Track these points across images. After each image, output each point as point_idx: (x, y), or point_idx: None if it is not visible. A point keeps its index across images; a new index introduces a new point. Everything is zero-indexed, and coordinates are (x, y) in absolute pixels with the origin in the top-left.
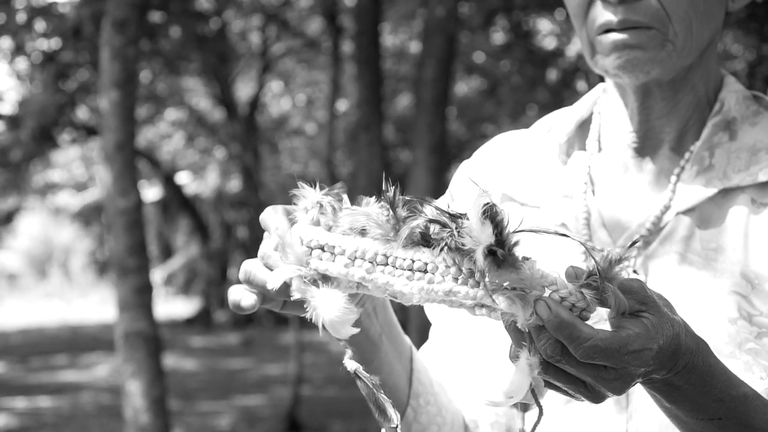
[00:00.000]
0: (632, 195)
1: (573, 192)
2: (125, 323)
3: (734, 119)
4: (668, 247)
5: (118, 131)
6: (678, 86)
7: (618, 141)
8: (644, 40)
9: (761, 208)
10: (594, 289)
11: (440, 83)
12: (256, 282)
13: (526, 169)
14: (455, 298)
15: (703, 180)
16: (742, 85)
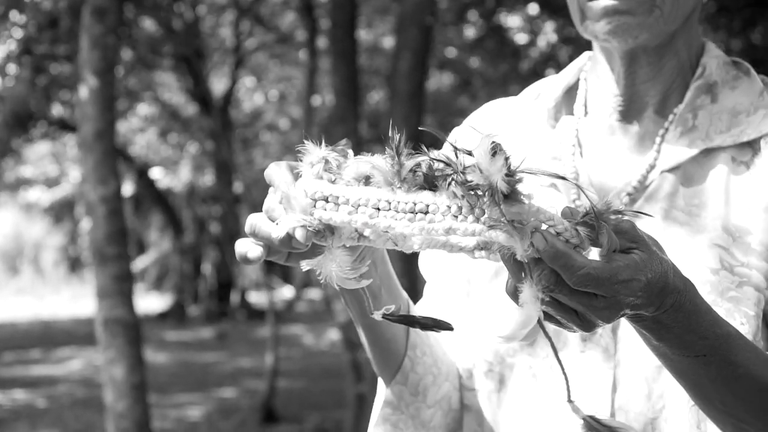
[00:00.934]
0: (619, 156)
1: (561, 154)
2: (105, 310)
3: (715, 83)
4: (653, 204)
5: (98, 120)
6: (663, 52)
7: (604, 105)
8: (633, 5)
9: (741, 166)
10: (589, 227)
11: (415, 75)
12: (261, 234)
13: (515, 134)
14: (455, 237)
15: (686, 140)
16: (722, 51)
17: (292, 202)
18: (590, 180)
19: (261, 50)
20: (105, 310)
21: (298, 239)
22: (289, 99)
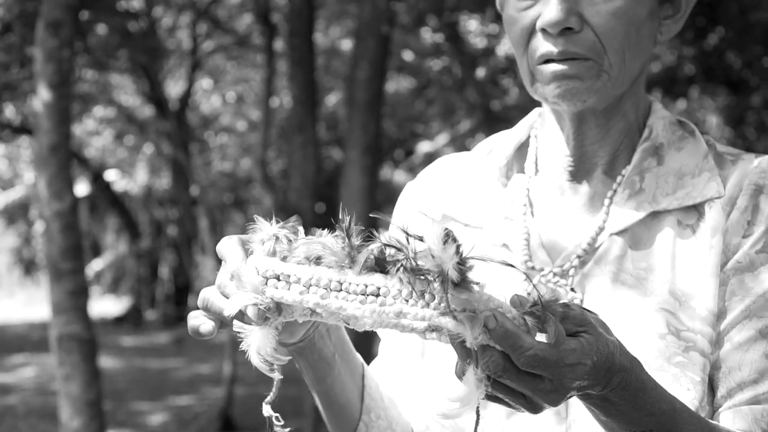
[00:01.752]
0: (569, 217)
1: (513, 214)
2: (59, 326)
3: (662, 145)
4: (603, 266)
5: (52, 133)
6: (610, 114)
7: (554, 164)
8: (582, 70)
9: (687, 229)
10: (536, 318)
11: (373, 83)
12: (214, 309)
13: (468, 191)
14: (405, 320)
15: (634, 203)
16: (668, 111)
17: (243, 280)
18: (541, 240)
19: (218, 52)
20: (60, 326)
21: (249, 317)
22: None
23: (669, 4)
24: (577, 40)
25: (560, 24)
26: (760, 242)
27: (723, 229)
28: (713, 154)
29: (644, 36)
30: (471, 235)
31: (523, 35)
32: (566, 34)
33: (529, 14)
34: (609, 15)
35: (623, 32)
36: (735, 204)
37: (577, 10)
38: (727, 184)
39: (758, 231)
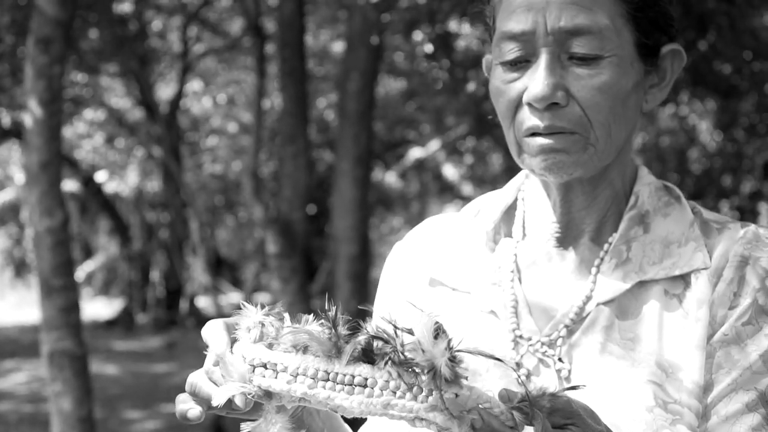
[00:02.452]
0: (556, 284)
1: (501, 280)
2: (51, 342)
3: (648, 212)
4: (590, 336)
5: (43, 151)
6: (597, 182)
7: (542, 229)
8: (568, 144)
9: (673, 299)
10: (524, 414)
11: (364, 95)
12: (201, 395)
13: (455, 254)
14: (393, 411)
15: (621, 273)
16: (654, 177)
17: (230, 369)
18: (529, 308)
19: (209, 55)
20: (51, 342)
21: (237, 405)
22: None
23: (654, 74)
24: (563, 115)
25: (547, 99)
26: (746, 314)
27: (709, 301)
28: (699, 221)
29: (630, 107)
30: (459, 300)
31: (509, 108)
32: (552, 108)
33: (516, 87)
34: (594, 90)
35: (609, 106)
36: (721, 275)
37: (563, 84)
38: (713, 255)
39: (744, 303)
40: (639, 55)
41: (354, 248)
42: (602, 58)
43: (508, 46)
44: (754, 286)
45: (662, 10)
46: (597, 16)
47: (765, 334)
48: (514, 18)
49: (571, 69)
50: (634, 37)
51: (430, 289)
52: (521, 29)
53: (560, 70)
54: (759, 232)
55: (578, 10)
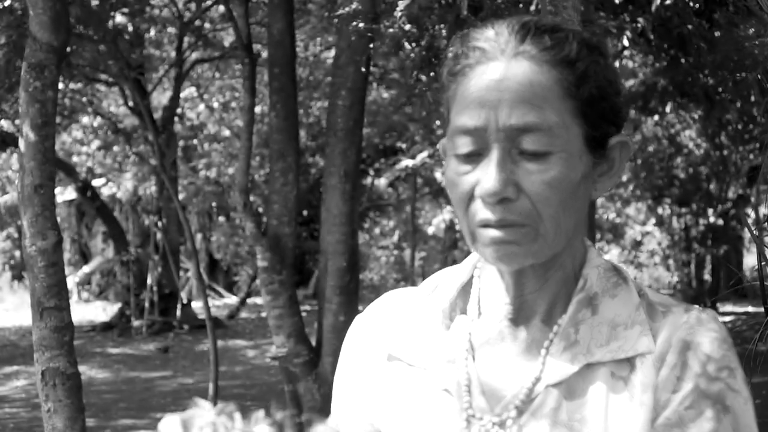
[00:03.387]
0: (508, 363)
1: (455, 358)
2: (44, 362)
3: (596, 294)
4: (538, 418)
5: (36, 174)
6: (549, 265)
7: (495, 308)
8: (518, 237)
9: (619, 382)
10: None
11: (353, 111)
12: None
13: (413, 330)
14: None
15: (569, 355)
16: (603, 258)
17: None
18: (481, 387)
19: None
20: (44, 362)
21: None
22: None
23: (604, 163)
24: (514, 209)
25: (498, 194)
26: (689, 398)
27: (653, 386)
28: (645, 304)
29: (579, 197)
30: (415, 376)
31: (463, 199)
32: (504, 202)
33: (469, 180)
34: (544, 185)
35: (558, 200)
36: (665, 360)
37: (514, 179)
38: (658, 340)
39: (687, 387)
40: (587, 148)
41: (343, 262)
42: (552, 154)
43: (461, 140)
44: (696, 371)
45: (610, 104)
46: (546, 114)
47: (706, 418)
48: (467, 113)
49: (522, 164)
50: (583, 131)
51: (388, 364)
52: (474, 125)
53: (511, 165)
54: (701, 316)
55: (529, 109)
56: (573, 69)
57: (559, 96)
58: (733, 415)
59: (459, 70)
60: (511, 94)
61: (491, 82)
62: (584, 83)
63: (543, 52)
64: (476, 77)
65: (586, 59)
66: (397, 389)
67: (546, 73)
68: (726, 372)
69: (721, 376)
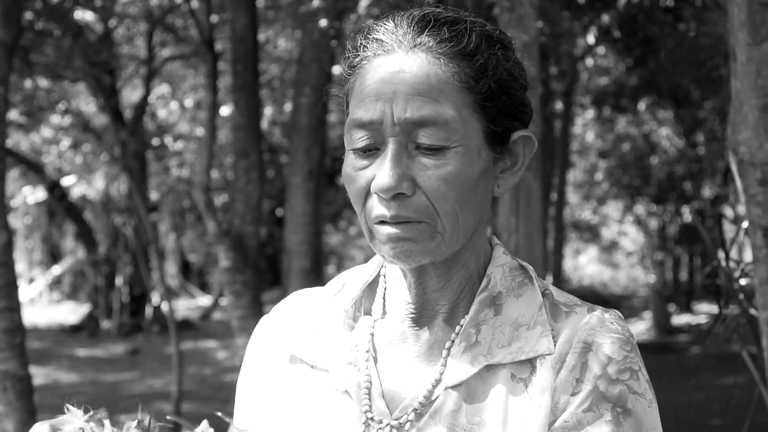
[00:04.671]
0: (409, 366)
1: (357, 360)
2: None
3: (500, 293)
4: (438, 420)
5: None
6: (451, 264)
7: (399, 308)
8: (415, 233)
9: (519, 383)
10: None
11: (316, 110)
12: None
13: (316, 331)
14: None
15: (469, 356)
16: (509, 257)
17: None
18: (382, 389)
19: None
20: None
21: None
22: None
23: (507, 158)
24: (410, 205)
25: (392, 190)
26: (587, 401)
27: (552, 388)
28: (548, 304)
29: (478, 194)
30: (317, 378)
31: (360, 195)
32: (399, 198)
33: (365, 175)
34: (440, 180)
35: (455, 196)
36: (564, 362)
37: (410, 174)
38: (558, 340)
39: (586, 389)
40: (487, 143)
41: (307, 262)
42: (448, 149)
43: (357, 134)
44: (596, 372)
45: (513, 98)
46: (443, 108)
47: (606, 420)
48: (363, 107)
49: (418, 159)
50: (483, 125)
51: (290, 366)
52: (369, 118)
53: (407, 160)
54: (604, 316)
55: (424, 102)
56: (471, 62)
57: (456, 89)
58: (634, 418)
59: (358, 62)
60: (407, 87)
61: (387, 74)
62: (483, 77)
63: (440, 44)
64: (373, 70)
65: (485, 52)
66: (299, 392)
67: (443, 66)
68: (628, 374)
69: (622, 378)
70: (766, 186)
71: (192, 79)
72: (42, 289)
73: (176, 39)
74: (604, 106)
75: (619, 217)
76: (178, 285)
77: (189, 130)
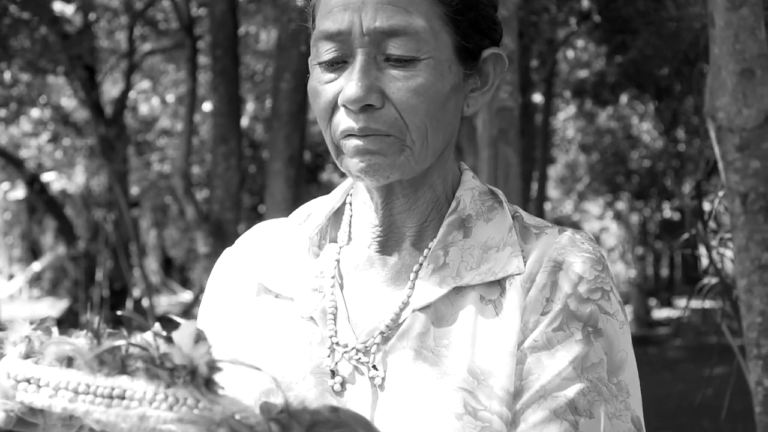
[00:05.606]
0: (376, 290)
1: (322, 286)
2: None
3: (469, 216)
4: (405, 343)
5: None
6: (418, 185)
7: (365, 234)
8: (384, 147)
9: (489, 305)
10: (281, 425)
11: (297, 95)
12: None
13: (281, 260)
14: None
15: (437, 278)
16: (479, 181)
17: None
18: (348, 314)
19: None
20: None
21: None
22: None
23: (477, 77)
24: (379, 117)
25: (360, 101)
26: (557, 320)
27: (521, 307)
28: (518, 226)
29: (448, 111)
30: (282, 307)
31: (326, 109)
32: (367, 110)
33: (332, 88)
34: (410, 92)
35: (425, 109)
36: (534, 280)
37: (379, 86)
38: (528, 260)
39: (556, 308)
40: (458, 59)
41: None
42: (418, 60)
43: (324, 46)
44: (566, 291)
45: (483, 14)
46: (413, 18)
47: (576, 340)
48: (331, 18)
49: (387, 71)
50: (453, 40)
51: (254, 297)
52: (337, 29)
53: (376, 71)
54: (575, 237)
55: (394, 11)
56: None
57: (426, 0)
58: (605, 338)
59: None
60: None
61: None
62: None
63: None
64: None
65: None
66: (262, 321)
67: None
68: (599, 294)
69: (593, 298)
70: (744, 152)
71: (173, 74)
72: (22, 285)
73: (157, 33)
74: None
75: (600, 213)
76: (159, 281)
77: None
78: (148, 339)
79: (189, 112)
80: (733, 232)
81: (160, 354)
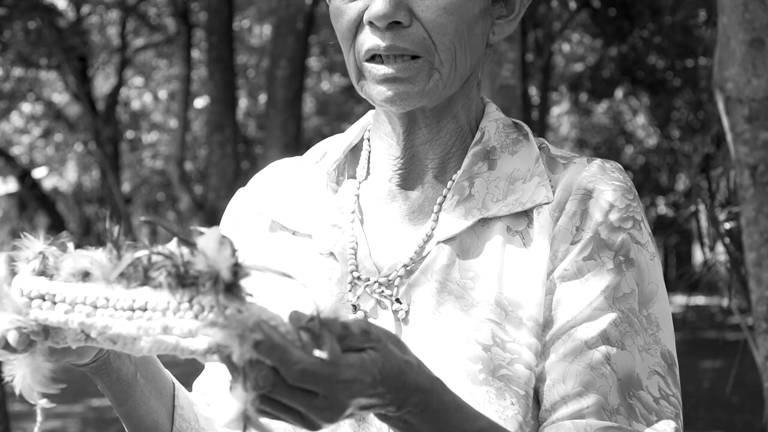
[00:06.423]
0: (398, 224)
1: (341, 222)
2: None
3: (494, 148)
4: (429, 275)
5: None
6: (441, 114)
7: (386, 167)
8: (413, 73)
9: (516, 236)
10: (312, 334)
11: (293, 82)
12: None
13: (297, 198)
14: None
15: (463, 210)
16: (502, 113)
17: (4, 302)
18: (369, 249)
19: (147, 49)
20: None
21: (11, 342)
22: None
23: (503, 4)
24: (406, 35)
25: (388, 17)
26: (588, 248)
27: (551, 236)
28: (545, 157)
29: (476, 34)
30: (299, 244)
31: (350, 28)
32: (394, 28)
33: (357, 6)
34: (439, 10)
35: (454, 28)
36: (564, 209)
37: (407, 3)
38: (557, 189)
39: (586, 237)
40: None
41: None
42: None
43: None
44: (597, 219)
45: None
46: None
47: (607, 269)
48: None
49: None
50: None
51: (270, 234)
52: None
53: None
54: (605, 165)
55: None
56: None
57: None
58: (637, 269)
59: None
60: None
61: None
62: None
63: None
64: None
65: None
66: (279, 258)
67: None
68: (630, 222)
69: (625, 227)
70: (754, 123)
71: (166, 69)
72: None
73: (150, 28)
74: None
75: None
76: None
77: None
78: (171, 248)
79: (184, 99)
80: (742, 205)
81: (184, 261)
